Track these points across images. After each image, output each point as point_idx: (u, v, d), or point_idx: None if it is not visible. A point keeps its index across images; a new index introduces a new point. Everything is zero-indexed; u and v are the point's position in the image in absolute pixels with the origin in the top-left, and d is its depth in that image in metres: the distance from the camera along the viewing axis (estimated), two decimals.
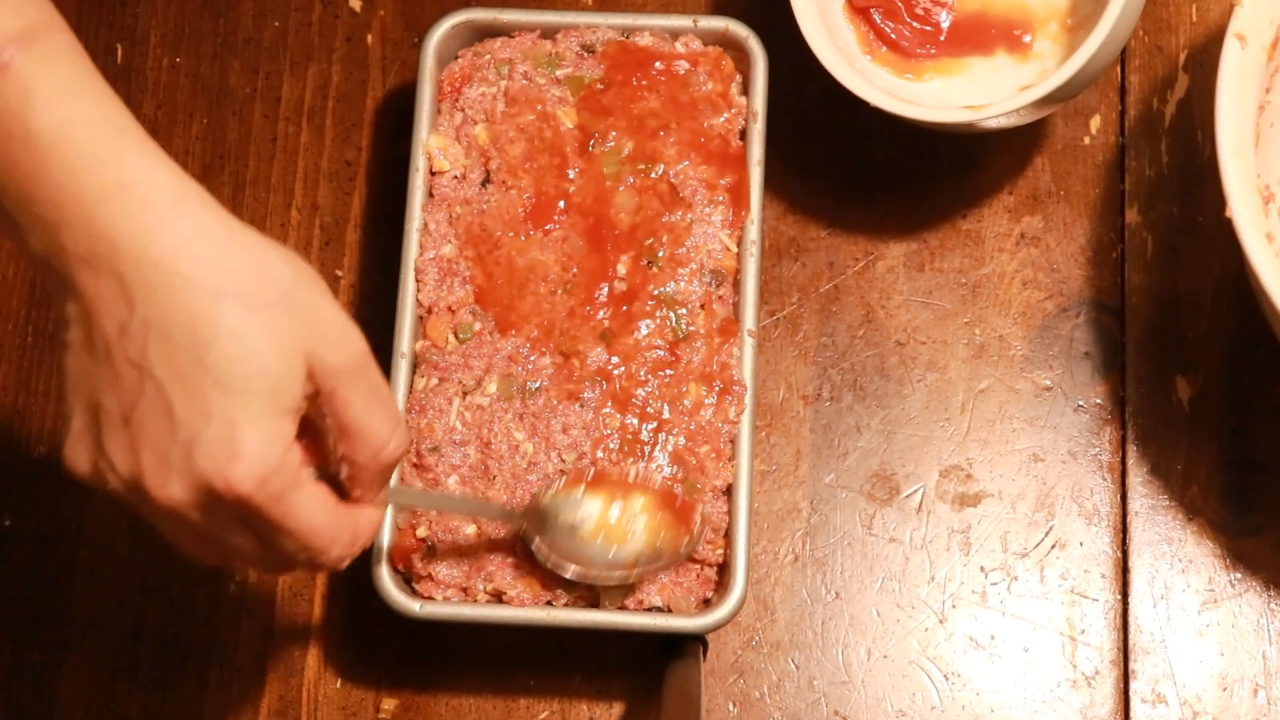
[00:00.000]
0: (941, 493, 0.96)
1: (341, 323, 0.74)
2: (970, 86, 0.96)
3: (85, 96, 0.73)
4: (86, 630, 0.97)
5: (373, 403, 0.75)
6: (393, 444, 0.76)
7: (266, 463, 0.71)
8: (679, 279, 0.93)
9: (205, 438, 0.71)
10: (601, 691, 0.95)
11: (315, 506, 0.74)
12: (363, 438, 0.75)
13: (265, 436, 0.71)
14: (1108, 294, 0.98)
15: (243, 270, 0.72)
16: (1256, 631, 0.93)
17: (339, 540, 0.76)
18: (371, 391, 0.75)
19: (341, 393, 0.74)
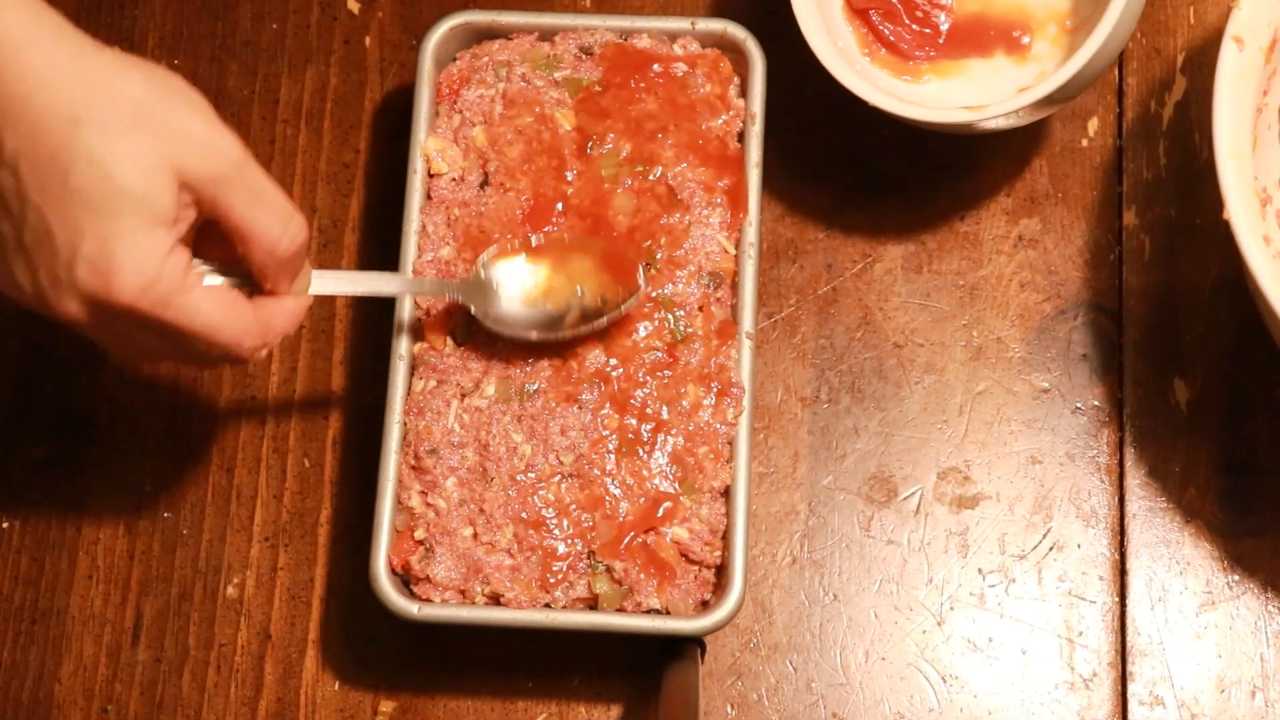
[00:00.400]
0: (939, 495, 0.96)
1: (211, 132, 0.78)
2: (969, 88, 0.96)
3: None
4: (84, 631, 0.97)
5: (255, 204, 0.79)
6: (285, 239, 0.80)
7: (143, 273, 0.76)
8: (677, 281, 0.93)
9: (82, 256, 0.76)
10: (600, 694, 0.95)
11: (211, 305, 0.79)
12: (254, 237, 0.79)
13: (138, 249, 0.76)
14: (1105, 296, 0.98)
15: (98, 95, 0.76)
16: (1254, 634, 0.93)
17: (248, 333, 0.80)
18: (251, 192, 0.79)
19: (222, 198, 0.78)
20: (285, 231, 0.80)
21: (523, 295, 0.90)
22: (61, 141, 0.75)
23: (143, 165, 0.76)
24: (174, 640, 0.96)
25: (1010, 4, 0.96)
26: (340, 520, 0.97)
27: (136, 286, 0.76)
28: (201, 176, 0.77)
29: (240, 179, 0.78)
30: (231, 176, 0.78)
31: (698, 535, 0.90)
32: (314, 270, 0.85)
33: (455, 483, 0.91)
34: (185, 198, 0.77)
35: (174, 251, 0.77)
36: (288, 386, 0.99)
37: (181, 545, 0.98)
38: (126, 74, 0.77)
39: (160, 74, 0.78)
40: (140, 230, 0.76)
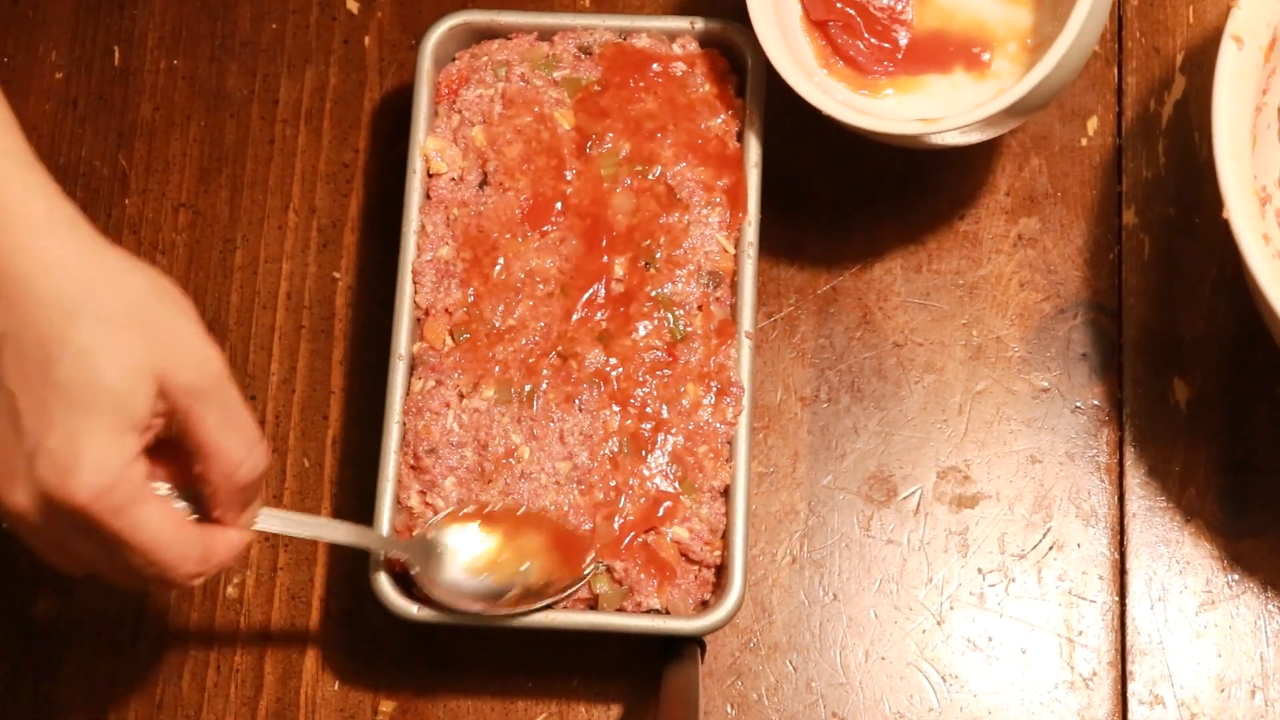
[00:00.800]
0: (939, 494, 0.96)
1: (198, 342, 0.77)
2: (927, 104, 0.95)
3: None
4: (84, 631, 0.97)
5: (226, 422, 0.77)
6: (247, 465, 0.78)
7: (105, 475, 0.74)
8: (676, 280, 0.93)
9: (46, 449, 0.74)
10: (600, 694, 0.95)
11: (160, 522, 0.76)
12: (217, 457, 0.77)
13: (105, 450, 0.74)
14: (1105, 295, 0.98)
15: (99, 289, 0.75)
16: (1254, 633, 0.93)
17: (187, 557, 0.77)
18: (226, 411, 0.77)
19: (195, 411, 0.76)
20: (249, 456, 0.78)
21: (469, 564, 0.88)
22: (53, 330, 0.74)
23: (128, 365, 0.74)
24: (174, 640, 0.96)
25: (971, 21, 0.96)
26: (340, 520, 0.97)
27: (94, 488, 0.74)
28: (182, 385, 0.76)
29: (218, 394, 0.77)
30: (210, 391, 0.76)
31: (698, 535, 0.90)
32: (264, 508, 0.82)
33: (454, 483, 0.91)
34: (159, 406, 0.76)
35: (138, 459, 0.75)
36: (287, 387, 0.99)
37: None
38: (129, 274, 0.76)
39: (160, 279, 0.77)
40: (111, 432, 0.74)
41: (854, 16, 0.95)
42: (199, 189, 1.03)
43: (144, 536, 0.76)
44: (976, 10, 0.95)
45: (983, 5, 0.96)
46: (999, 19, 0.95)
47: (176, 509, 0.78)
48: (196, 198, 1.03)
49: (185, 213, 1.02)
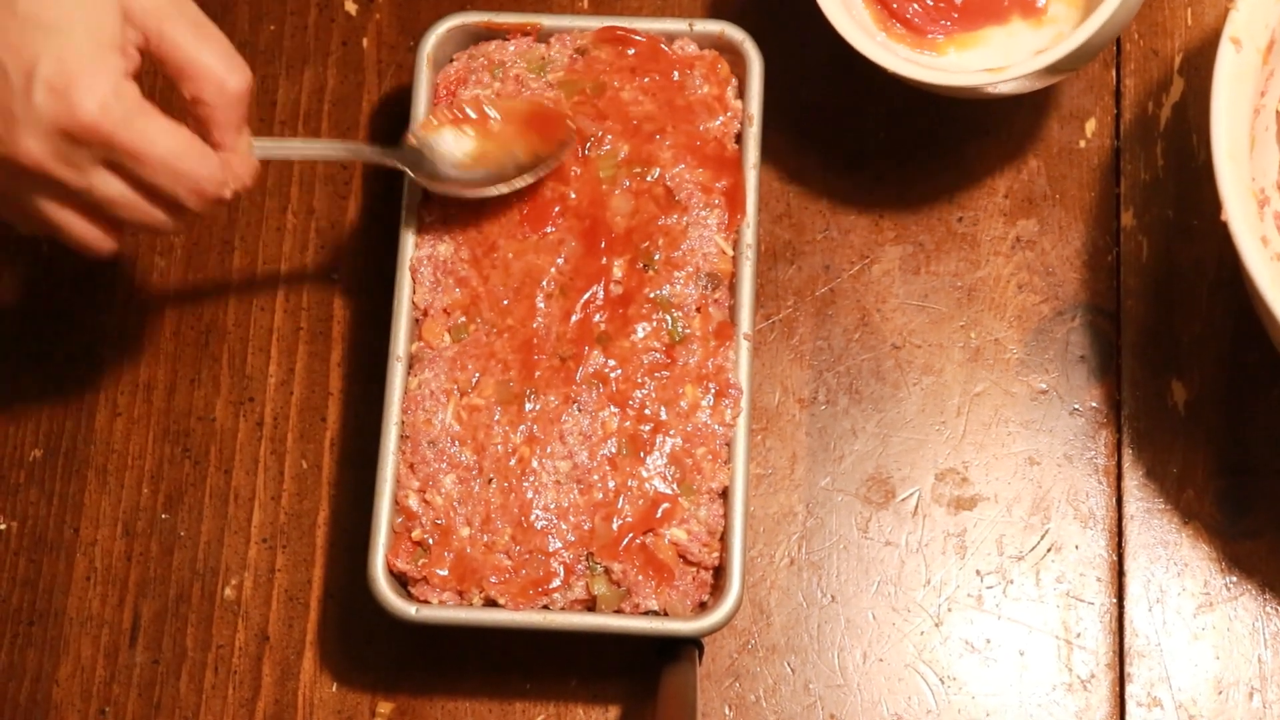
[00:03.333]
0: (937, 496, 0.96)
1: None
2: (988, 56, 0.95)
3: None
4: (82, 633, 0.97)
5: (201, 39, 0.79)
6: (233, 77, 0.79)
7: (102, 86, 0.75)
8: (675, 282, 0.93)
9: (39, 79, 0.75)
10: (597, 695, 0.95)
11: (171, 130, 0.78)
12: (201, 73, 0.79)
13: (94, 65, 0.75)
14: (1103, 297, 0.98)
15: None
16: (1252, 635, 0.93)
17: (208, 164, 0.79)
18: (195, 27, 0.79)
19: (167, 33, 0.78)
20: (231, 69, 0.79)
21: (456, 161, 0.91)
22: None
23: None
24: (172, 642, 0.96)
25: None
26: (338, 521, 0.97)
27: (98, 99, 0.75)
28: (145, 6, 0.77)
29: (182, 13, 0.78)
30: (172, 11, 0.78)
31: (696, 536, 0.90)
32: (255, 138, 0.84)
33: (454, 480, 0.91)
34: (130, 34, 0.77)
35: (129, 78, 0.77)
36: (285, 388, 0.99)
37: (179, 547, 0.98)
38: None
39: None
40: (94, 49, 0.75)
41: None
42: None
43: (160, 145, 0.77)
44: None
45: None
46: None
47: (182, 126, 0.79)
48: None
49: None
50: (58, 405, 1.00)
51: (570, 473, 0.91)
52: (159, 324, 1.01)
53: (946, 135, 1.00)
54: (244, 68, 0.81)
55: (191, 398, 1.00)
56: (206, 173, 0.79)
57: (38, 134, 0.76)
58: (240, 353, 1.00)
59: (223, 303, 1.01)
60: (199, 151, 0.79)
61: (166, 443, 0.99)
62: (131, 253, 1.02)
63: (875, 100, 1.01)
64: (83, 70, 0.75)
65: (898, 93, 1.00)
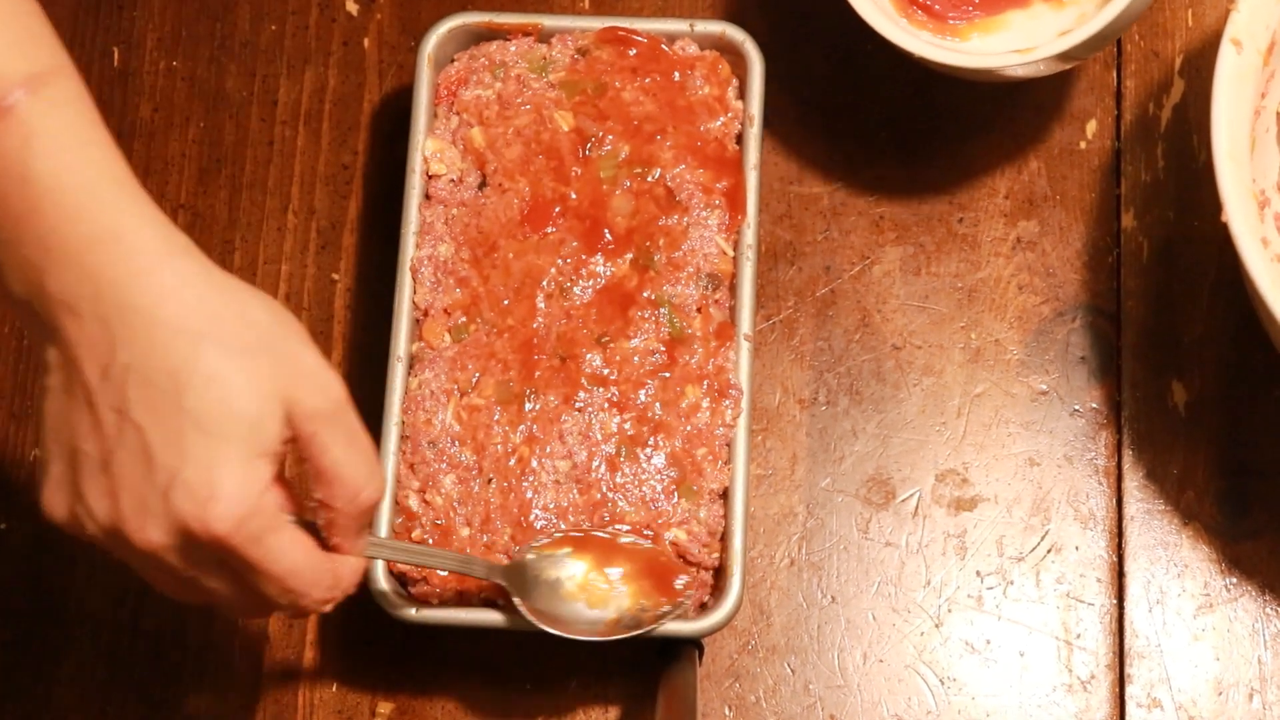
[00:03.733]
0: (937, 497, 0.96)
1: (321, 368, 0.75)
2: (1012, 39, 0.94)
3: (86, 145, 0.74)
4: (82, 633, 0.97)
5: (350, 447, 0.76)
6: (369, 489, 0.77)
7: (244, 504, 0.72)
8: (675, 282, 0.93)
9: (182, 480, 0.72)
10: (597, 696, 0.95)
11: (295, 548, 0.75)
12: (340, 481, 0.76)
13: (242, 478, 0.72)
14: (1104, 298, 0.98)
15: (223, 316, 0.73)
16: (1252, 636, 0.93)
17: (320, 583, 0.76)
18: (349, 436, 0.76)
19: (320, 437, 0.75)
20: (370, 481, 0.77)
21: (562, 589, 0.88)
22: (182, 359, 0.72)
23: (259, 391, 0.73)
24: (173, 642, 0.96)
25: None
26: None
27: (235, 518, 0.72)
28: (308, 411, 0.74)
29: (341, 420, 0.76)
30: (334, 416, 0.75)
31: (696, 537, 0.90)
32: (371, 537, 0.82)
33: (453, 481, 0.91)
34: (286, 432, 0.74)
35: (271, 488, 0.74)
36: None
37: None
38: (250, 301, 0.75)
39: (278, 306, 0.76)
40: (247, 459, 0.73)
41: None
42: (198, 190, 1.03)
43: (282, 565, 0.74)
44: None
45: None
46: None
47: (306, 535, 0.76)
48: (195, 199, 1.03)
49: (184, 214, 1.02)
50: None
51: (570, 473, 0.91)
52: None
53: (947, 136, 1.00)
54: (383, 483, 0.78)
55: None
56: (317, 593, 0.76)
57: (164, 529, 0.73)
58: None
59: None
60: (314, 573, 0.76)
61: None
62: None
63: (876, 101, 1.01)
64: (227, 483, 0.72)
65: (899, 93, 1.00)
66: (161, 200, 1.02)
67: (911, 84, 0.99)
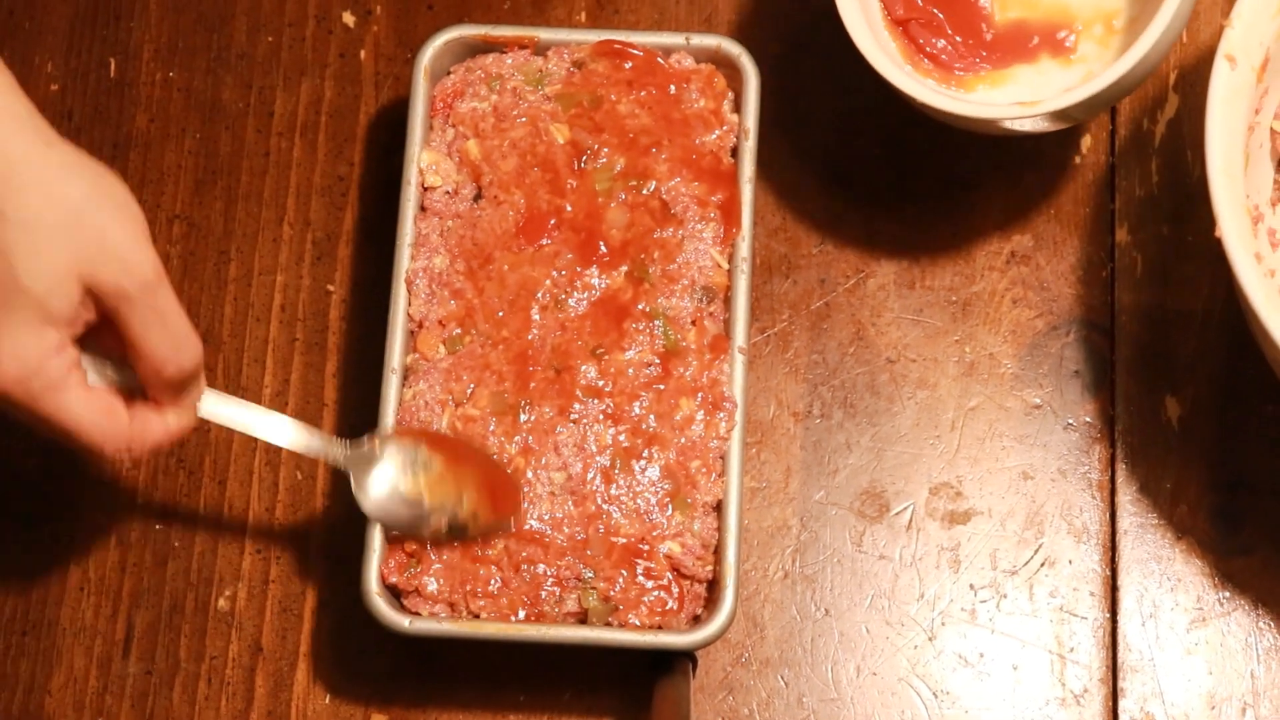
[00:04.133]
0: (931, 510, 0.96)
1: (127, 248, 0.80)
2: (1017, 93, 0.94)
3: None
4: (75, 643, 0.96)
5: (153, 324, 0.81)
6: (172, 365, 0.83)
7: (24, 365, 0.80)
8: (670, 295, 0.93)
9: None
10: (591, 708, 0.95)
11: (81, 407, 0.82)
12: (143, 354, 0.82)
13: (23, 342, 0.79)
14: (1098, 313, 0.98)
15: (31, 194, 0.78)
16: (1245, 650, 0.94)
17: (110, 438, 0.83)
18: (154, 314, 0.81)
19: (121, 312, 0.81)
20: (175, 356, 0.82)
21: (406, 481, 0.90)
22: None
23: (51, 269, 0.79)
24: (165, 652, 0.96)
25: (1054, 6, 0.95)
26: (332, 533, 0.97)
27: (12, 377, 0.80)
28: (106, 289, 0.80)
29: (145, 300, 0.81)
30: (136, 296, 0.80)
31: (690, 550, 0.90)
32: (211, 392, 0.87)
33: None
34: (88, 302, 0.80)
35: (61, 351, 0.80)
36: (280, 399, 0.99)
37: (173, 557, 0.98)
38: (70, 177, 0.80)
39: (106, 182, 0.81)
40: (30, 326, 0.79)
41: (935, 14, 0.94)
42: (193, 201, 1.03)
43: (65, 419, 0.82)
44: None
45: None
46: (1082, 1, 0.94)
47: (102, 393, 0.83)
48: (191, 209, 1.03)
49: (180, 224, 1.02)
50: None
51: (565, 484, 0.91)
52: None
53: (942, 150, 1.01)
54: (191, 358, 0.83)
55: None
56: (107, 445, 0.83)
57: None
58: (236, 363, 1.00)
59: (218, 313, 1.01)
60: (104, 428, 0.83)
61: (161, 453, 0.99)
62: None
63: (871, 115, 1.01)
64: (10, 343, 0.79)
65: (893, 109, 1.01)
66: (157, 210, 1.02)
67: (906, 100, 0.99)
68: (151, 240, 0.81)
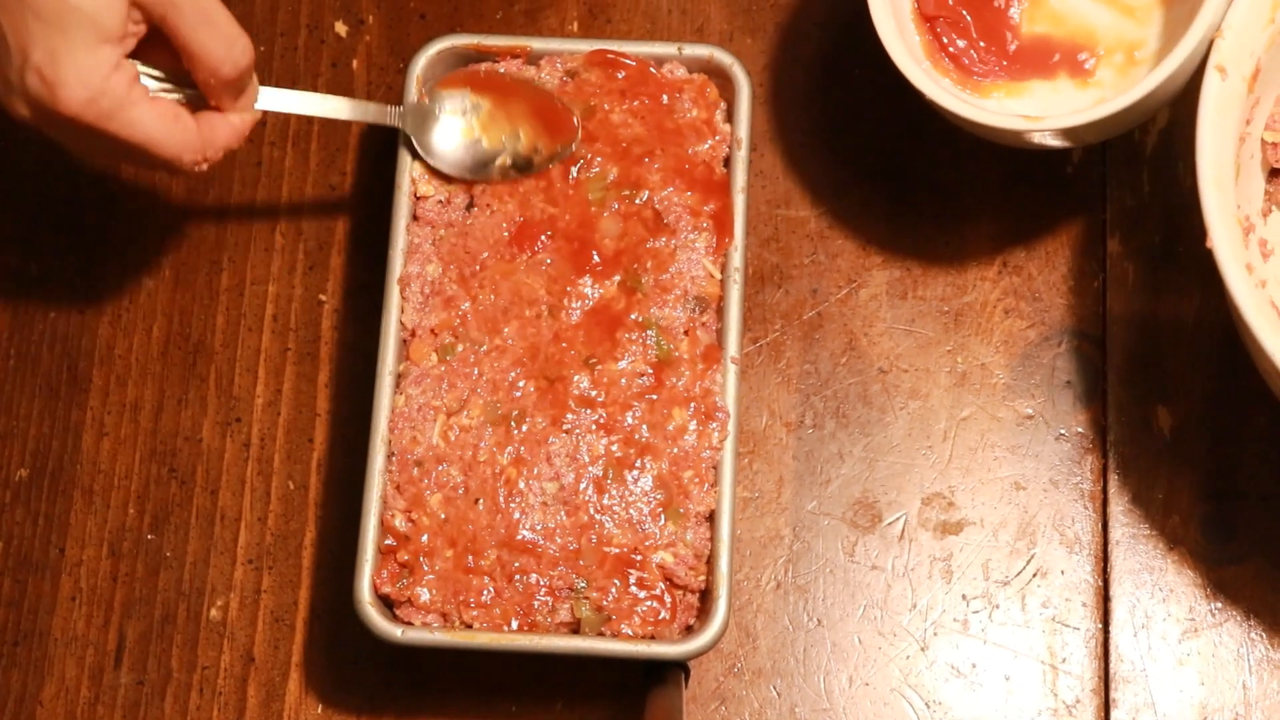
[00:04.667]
0: (923, 520, 0.96)
1: None
2: (1030, 106, 0.94)
3: None
4: (67, 653, 0.96)
5: (201, 26, 0.83)
6: (228, 63, 0.85)
7: (88, 87, 0.81)
8: (663, 305, 0.93)
9: (31, 65, 0.81)
10: (583, 718, 0.95)
11: (152, 120, 0.84)
12: (197, 57, 0.84)
13: (83, 64, 0.81)
14: (1089, 323, 0.98)
15: None
16: (1237, 661, 0.94)
17: (188, 147, 0.86)
18: (199, 14, 0.83)
19: (170, 20, 0.83)
20: (229, 55, 0.84)
21: (462, 127, 0.93)
22: None
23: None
24: (157, 663, 0.96)
25: (1079, 27, 0.95)
26: (324, 543, 0.97)
27: (80, 99, 0.81)
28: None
29: (190, 3, 0.82)
30: (182, 1, 0.82)
31: (682, 560, 0.90)
32: (263, 88, 0.89)
33: (440, 501, 0.91)
34: (135, 14, 0.82)
35: (119, 67, 0.82)
36: (272, 409, 0.99)
37: (165, 567, 0.97)
38: None
39: None
40: (87, 46, 0.81)
41: (964, 16, 0.95)
42: (186, 210, 1.03)
43: (139, 135, 0.83)
44: (1086, 16, 0.95)
45: (1095, 12, 0.95)
46: (1109, 27, 0.94)
47: (168, 104, 0.85)
48: (183, 219, 1.03)
49: (172, 234, 1.02)
50: (44, 425, 1.00)
51: (557, 494, 0.91)
52: (146, 344, 1.01)
53: (934, 160, 1.01)
54: (244, 53, 0.85)
55: (179, 418, 0.99)
56: (185, 155, 0.86)
57: (26, 105, 0.83)
58: (228, 373, 1.00)
59: (210, 323, 1.01)
60: (179, 137, 0.85)
61: (153, 463, 0.99)
62: (119, 271, 1.02)
63: (863, 126, 1.01)
64: (70, 67, 0.81)
65: (886, 118, 1.01)
66: (148, 220, 1.02)
67: (899, 110, 1.00)
68: None
